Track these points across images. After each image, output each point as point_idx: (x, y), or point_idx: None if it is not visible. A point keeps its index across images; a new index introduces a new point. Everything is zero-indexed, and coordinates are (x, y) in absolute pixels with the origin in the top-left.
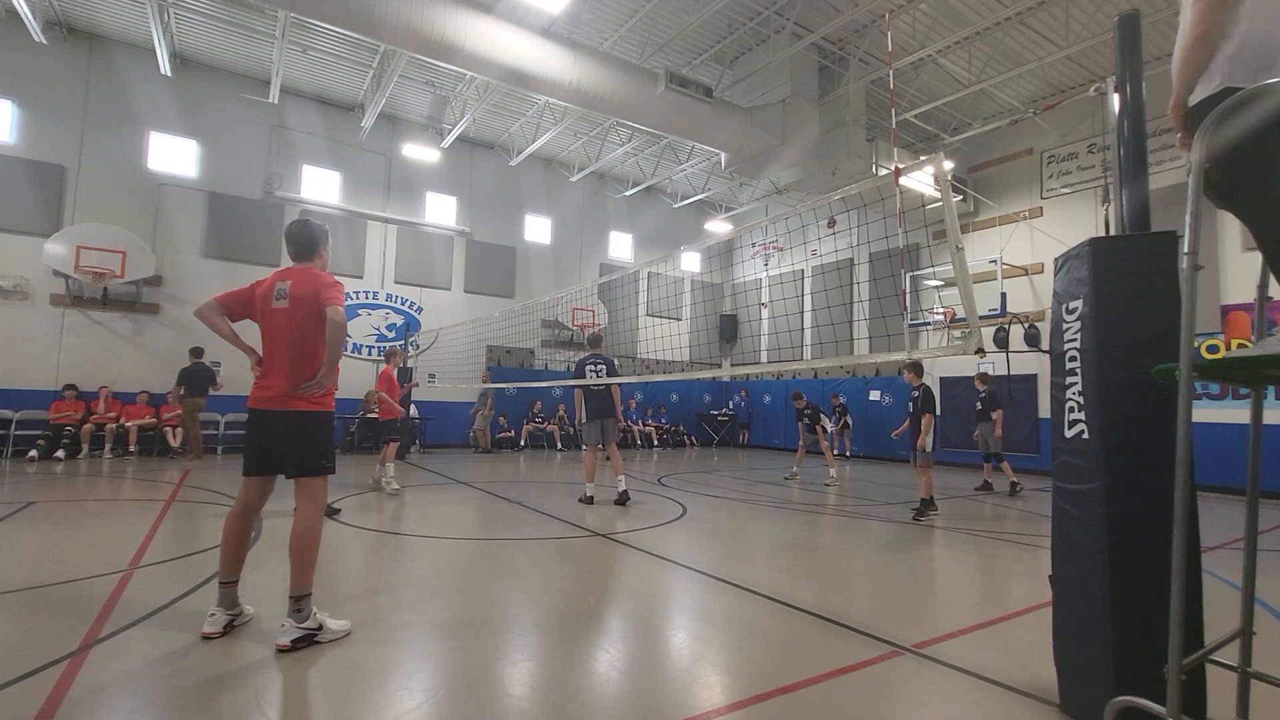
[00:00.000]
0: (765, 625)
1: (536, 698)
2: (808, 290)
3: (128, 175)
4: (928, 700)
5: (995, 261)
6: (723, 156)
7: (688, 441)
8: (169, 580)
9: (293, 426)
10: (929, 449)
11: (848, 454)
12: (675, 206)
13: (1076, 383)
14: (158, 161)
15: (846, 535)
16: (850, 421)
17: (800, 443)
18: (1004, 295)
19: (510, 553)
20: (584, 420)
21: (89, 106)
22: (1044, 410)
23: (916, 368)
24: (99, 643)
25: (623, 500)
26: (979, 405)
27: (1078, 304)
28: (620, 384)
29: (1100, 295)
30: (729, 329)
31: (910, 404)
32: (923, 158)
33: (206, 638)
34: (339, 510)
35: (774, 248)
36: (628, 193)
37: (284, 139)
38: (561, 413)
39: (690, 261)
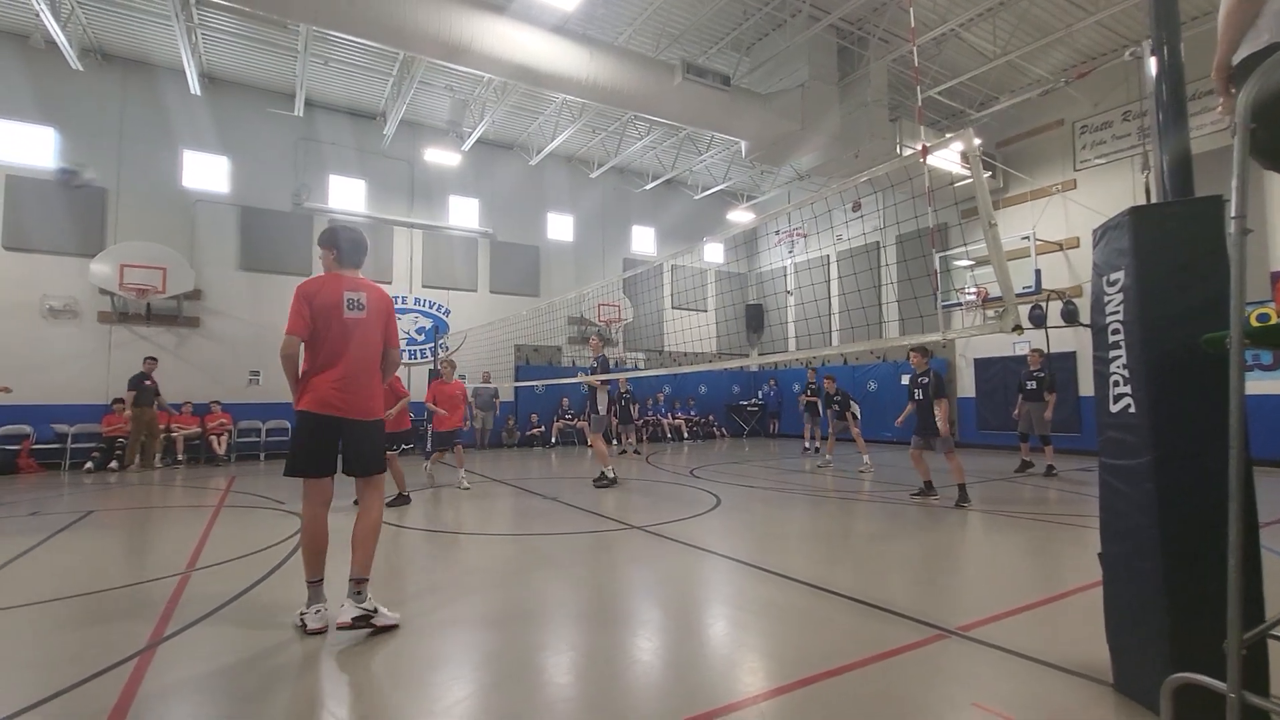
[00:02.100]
0: (805, 611)
1: (581, 686)
2: (834, 275)
3: (164, 194)
4: (977, 682)
5: (1028, 238)
6: (743, 145)
7: (718, 433)
8: (224, 581)
9: (369, 432)
10: (948, 432)
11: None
12: (696, 198)
13: (1120, 356)
14: (192, 179)
15: (883, 521)
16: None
17: (830, 430)
18: (1038, 272)
19: (549, 547)
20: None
21: (125, 129)
22: (1085, 388)
23: (923, 350)
24: (165, 640)
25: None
26: (1031, 384)
27: (1119, 275)
28: (630, 377)
29: (1143, 265)
30: (755, 318)
31: (918, 390)
32: (949, 135)
33: (313, 633)
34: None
35: (798, 234)
36: (648, 186)
37: (310, 150)
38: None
39: (713, 252)
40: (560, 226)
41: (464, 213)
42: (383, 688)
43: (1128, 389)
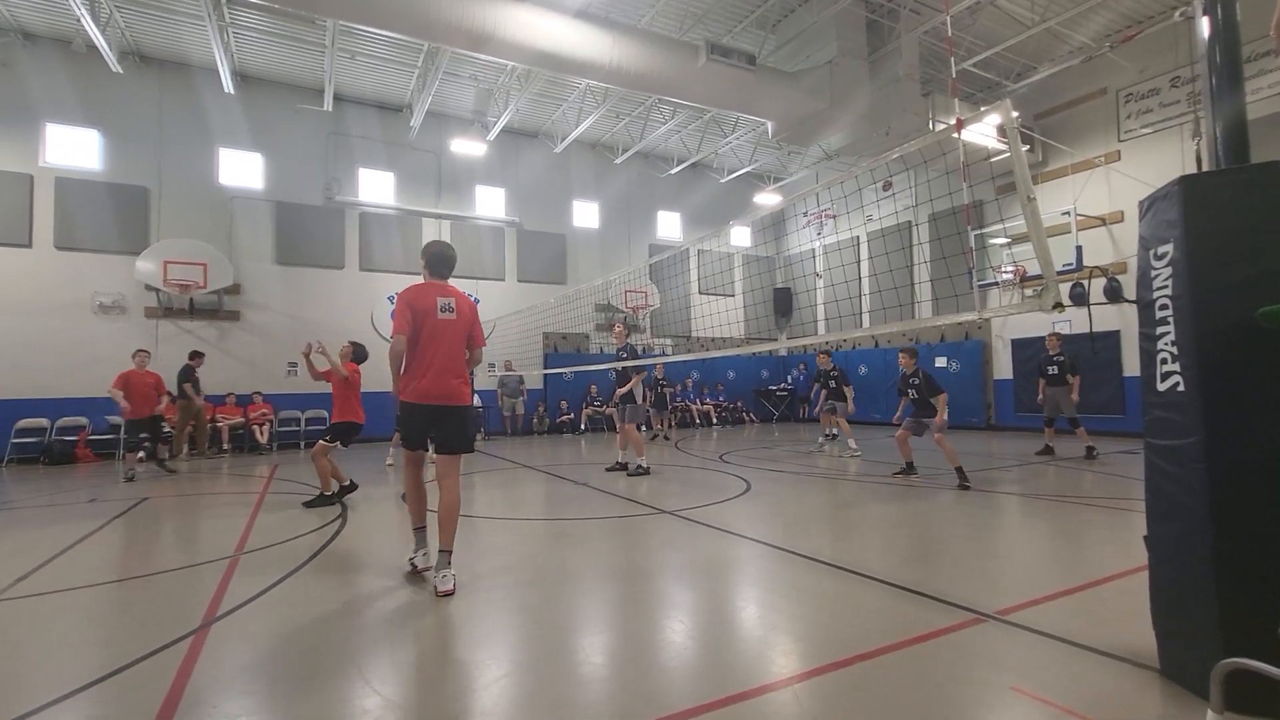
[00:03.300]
0: (837, 595)
1: (615, 665)
2: (865, 256)
3: (202, 191)
4: (1017, 666)
5: (1068, 213)
6: (769, 125)
7: (747, 418)
8: (271, 564)
9: (457, 416)
10: (945, 423)
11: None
12: (722, 181)
13: (1169, 332)
14: (228, 176)
15: (914, 505)
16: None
17: (820, 410)
18: (1079, 248)
19: (582, 531)
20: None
21: (164, 129)
22: (1128, 368)
23: (911, 351)
24: (217, 620)
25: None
26: (1052, 369)
27: (1167, 248)
28: (659, 363)
29: (1193, 237)
30: (783, 302)
31: (911, 390)
32: (985, 108)
33: (418, 571)
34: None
35: (826, 215)
36: (673, 171)
37: (340, 145)
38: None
39: (740, 236)
40: (586, 214)
41: (490, 202)
42: (425, 665)
43: (1176, 366)
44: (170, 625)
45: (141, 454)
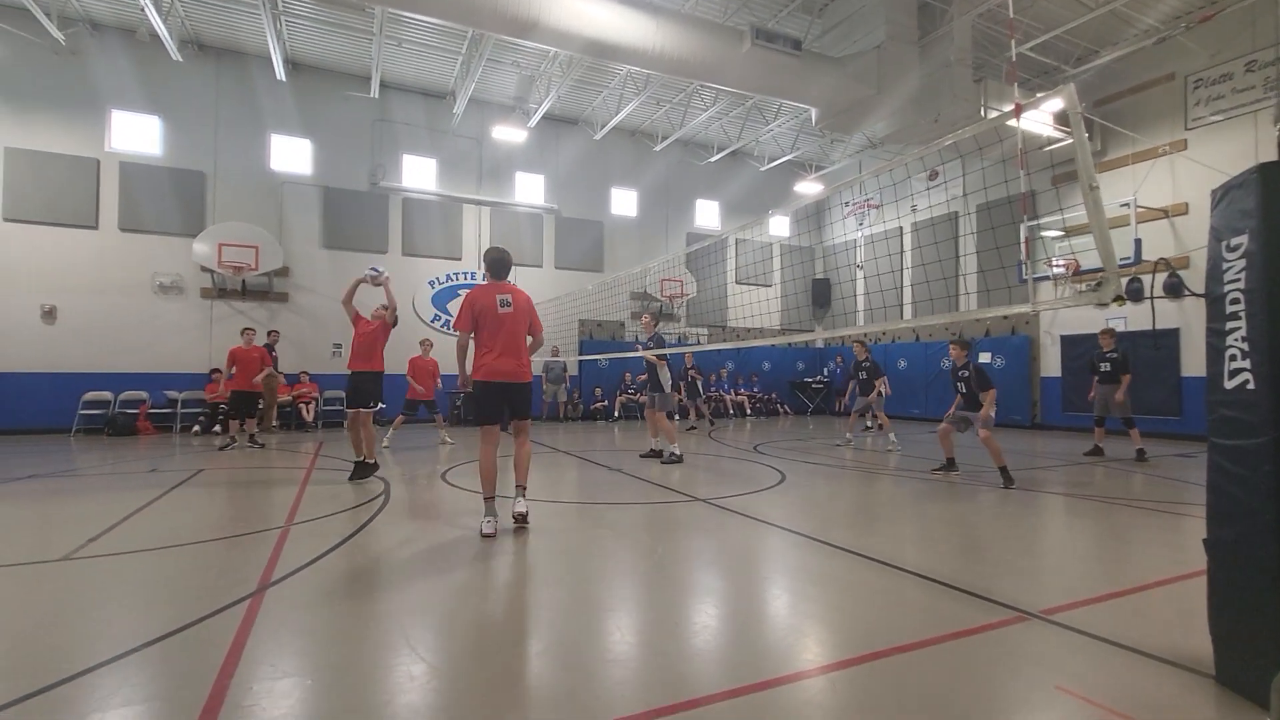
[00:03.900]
0: (874, 587)
1: (647, 645)
2: (908, 247)
3: (255, 176)
4: (1061, 665)
5: (1128, 205)
6: (813, 112)
7: (781, 410)
8: (319, 535)
9: (523, 391)
10: (991, 419)
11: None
12: (763, 169)
13: (1239, 328)
14: (279, 162)
15: (955, 502)
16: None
17: (855, 403)
18: (1138, 241)
19: (615, 515)
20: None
21: (220, 115)
22: (1187, 368)
23: (962, 343)
24: (272, 585)
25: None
26: (1105, 366)
27: (1241, 240)
28: (692, 351)
29: (1270, 227)
30: (821, 293)
31: (961, 384)
32: (1042, 94)
33: (487, 537)
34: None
35: (869, 206)
36: (713, 158)
37: (385, 131)
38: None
39: (779, 226)
40: (624, 202)
41: (530, 189)
42: (464, 637)
43: (1246, 364)
44: (228, 589)
45: (196, 428)
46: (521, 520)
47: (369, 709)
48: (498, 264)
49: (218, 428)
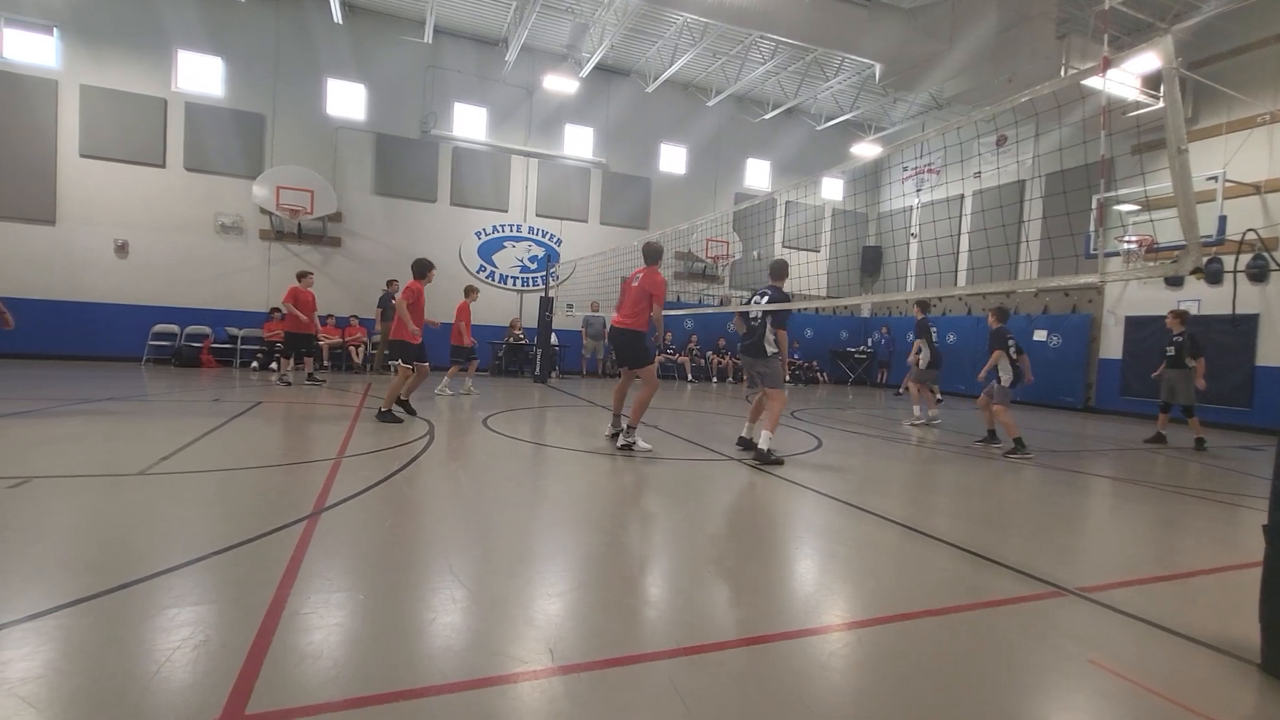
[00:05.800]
0: (906, 553)
1: (675, 592)
2: (967, 212)
3: (311, 121)
4: (1095, 641)
5: (1215, 178)
6: (877, 68)
7: (820, 378)
8: (368, 468)
9: (628, 340)
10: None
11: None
12: (818, 129)
13: None
14: (335, 107)
15: (994, 478)
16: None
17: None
18: (1223, 218)
19: (651, 471)
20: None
21: (279, 58)
22: (1263, 357)
23: (1000, 311)
24: (326, 510)
25: (755, 453)
26: (1171, 350)
27: None
28: (728, 311)
29: None
30: (871, 261)
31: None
32: (1134, 48)
33: (612, 437)
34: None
35: (929, 170)
36: (767, 116)
37: (437, 78)
38: (693, 344)
39: (832, 189)
40: (672, 158)
41: (578, 142)
42: (499, 573)
43: None
44: (287, 510)
45: (255, 364)
46: (627, 450)
47: (415, 627)
48: (650, 252)
49: (274, 364)
